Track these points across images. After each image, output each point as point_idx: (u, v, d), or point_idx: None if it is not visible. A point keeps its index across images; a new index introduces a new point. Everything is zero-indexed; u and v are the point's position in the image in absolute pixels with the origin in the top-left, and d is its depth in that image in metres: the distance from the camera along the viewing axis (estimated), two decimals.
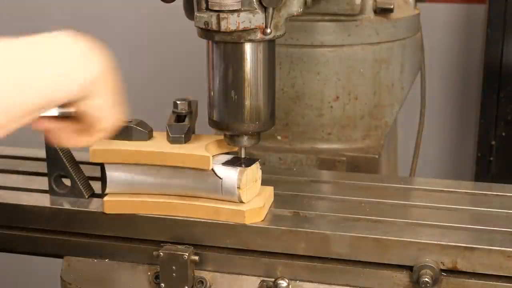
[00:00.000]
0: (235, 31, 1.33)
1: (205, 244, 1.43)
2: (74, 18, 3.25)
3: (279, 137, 1.95)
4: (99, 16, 3.28)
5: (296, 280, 1.39)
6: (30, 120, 0.99)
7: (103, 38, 1.11)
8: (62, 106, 1.05)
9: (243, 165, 1.42)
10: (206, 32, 1.36)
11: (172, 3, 1.43)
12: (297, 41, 1.85)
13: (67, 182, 1.54)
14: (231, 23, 1.32)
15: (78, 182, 1.53)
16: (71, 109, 1.07)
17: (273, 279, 1.39)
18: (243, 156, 1.46)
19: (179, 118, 1.50)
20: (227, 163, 1.43)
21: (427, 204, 1.49)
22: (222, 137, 1.47)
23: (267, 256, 1.41)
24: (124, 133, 1.46)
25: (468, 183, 1.81)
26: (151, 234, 1.45)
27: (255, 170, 1.45)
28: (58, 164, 1.52)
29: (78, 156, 1.55)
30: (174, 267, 1.41)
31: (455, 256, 1.32)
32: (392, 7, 1.87)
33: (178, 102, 1.51)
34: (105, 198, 1.46)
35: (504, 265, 1.30)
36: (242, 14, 1.32)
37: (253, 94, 1.40)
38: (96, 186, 1.54)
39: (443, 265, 1.32)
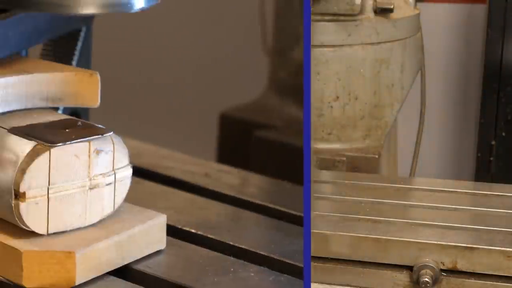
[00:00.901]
0: None
1: None
2: None
3: None
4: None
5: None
6: None
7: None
8: None
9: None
10: None
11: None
12: None
13: None
14: None
15: None
16: None
17: None
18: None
19: None
20: None
21: (427, 204, 1.49)
22: None
23: None
24: None
25: (468, 183, 1.82)
26: None
27: None
28: None
29: None
30: None
31: (455, 256, 1.31)
32: (392, 7, 1.87)
33: None
34: None
35: (504, 265, 1.30)
36: None
37: None
38: None
39: (443, 265, 1.32)
